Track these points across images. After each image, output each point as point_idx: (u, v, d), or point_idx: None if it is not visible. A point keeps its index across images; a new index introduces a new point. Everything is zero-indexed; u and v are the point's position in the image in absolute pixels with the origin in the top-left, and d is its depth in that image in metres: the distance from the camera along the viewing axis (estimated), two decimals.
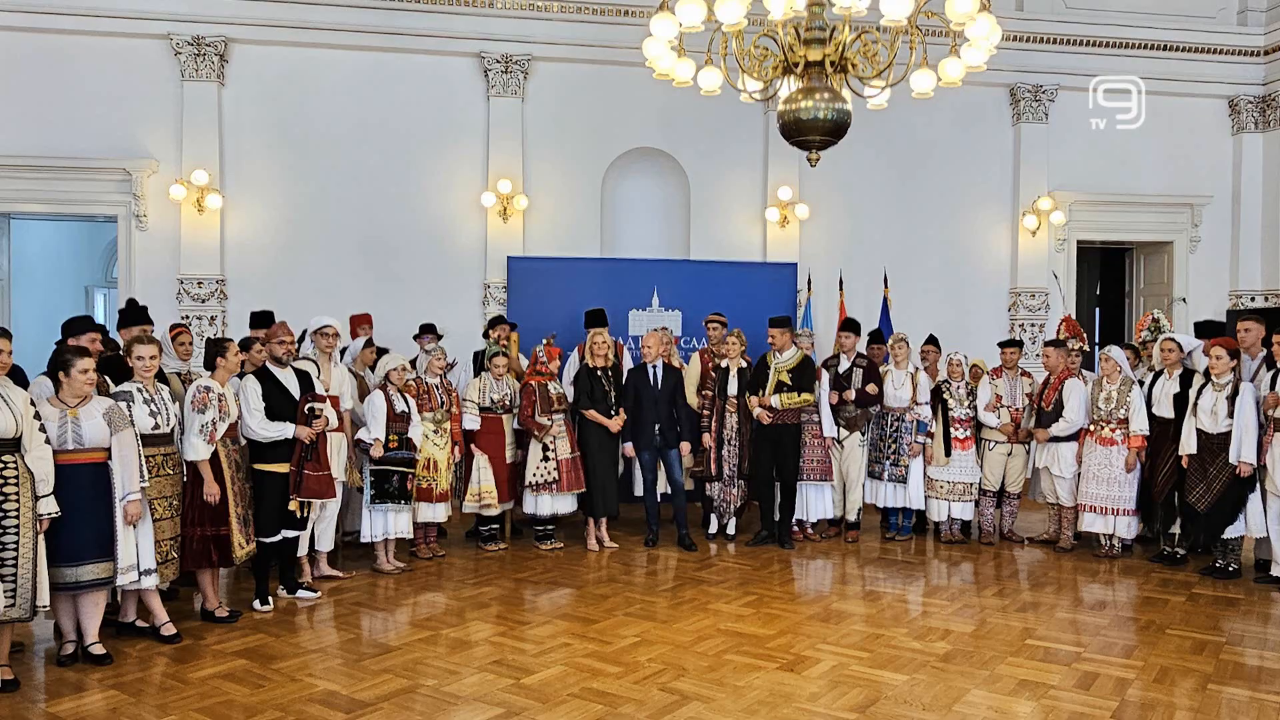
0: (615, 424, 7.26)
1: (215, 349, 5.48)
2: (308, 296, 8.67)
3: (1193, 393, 6.52)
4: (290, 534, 5.78)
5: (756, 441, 7.36)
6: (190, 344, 6.70)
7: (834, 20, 5.00)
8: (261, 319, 6.61)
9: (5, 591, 4.05)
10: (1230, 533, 6.43)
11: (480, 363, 7.62)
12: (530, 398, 7.08)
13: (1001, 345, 7.89)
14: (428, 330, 7.72)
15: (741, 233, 10.12)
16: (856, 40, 5.07)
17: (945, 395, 7.51)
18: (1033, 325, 10.44)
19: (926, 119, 9.82)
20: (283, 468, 5.67)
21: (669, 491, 7.57)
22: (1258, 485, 6.30)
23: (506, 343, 7.60)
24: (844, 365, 7.55)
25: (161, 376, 5.25)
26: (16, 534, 4.16)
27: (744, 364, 7.52)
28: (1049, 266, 10.50)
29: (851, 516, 7.69)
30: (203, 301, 9.08)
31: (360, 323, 7.76)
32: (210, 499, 5.18)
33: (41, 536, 4.27)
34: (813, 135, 5.13)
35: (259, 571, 5.69)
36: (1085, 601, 5.93)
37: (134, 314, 6.10)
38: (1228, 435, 6.25)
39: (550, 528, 7.31)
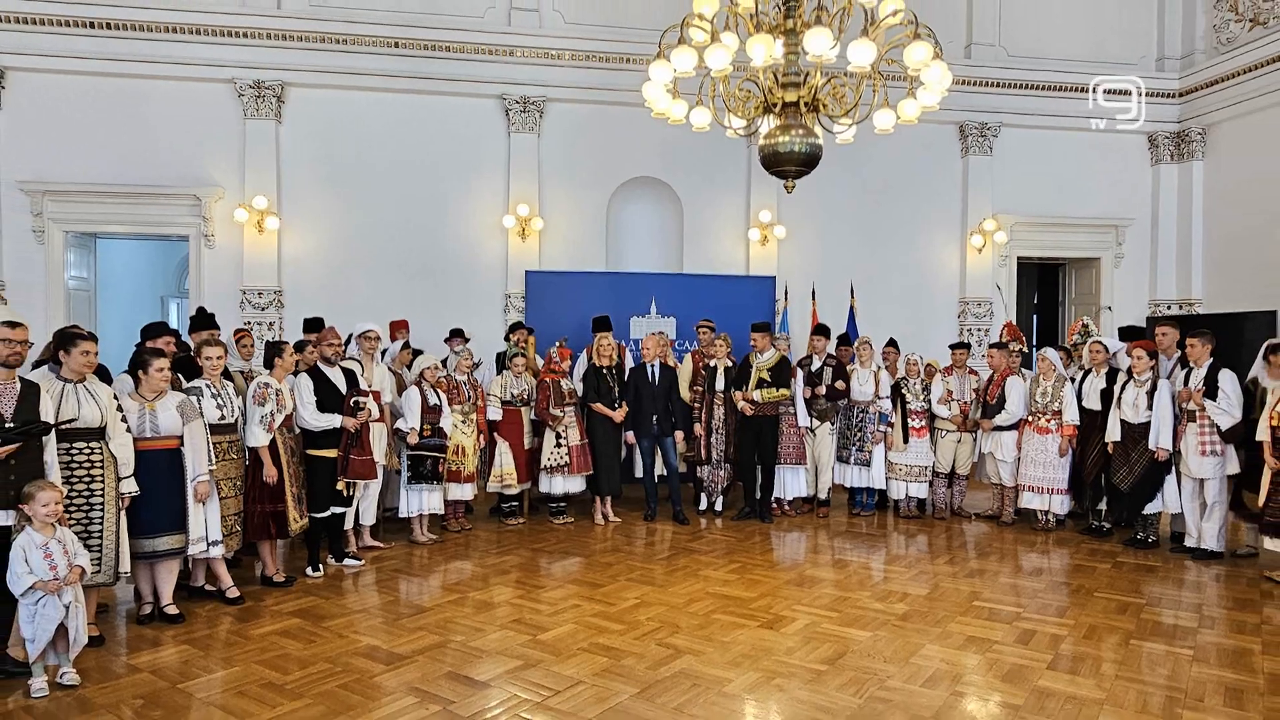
0: (618, 415, 7.26)
1: (273, 350, 5.48)
2: (353, 305, 8.66)
3: (1117, 388, 6.53)
4: (338, 510, 5.79)
5: (740, 430, 7.36)
6: (251, 346, 6.71)
7: (807, 67, 5.01)
8: (313, 325, 6.60)
9: (92, 560, 4.05)
10: (1149, 509, 6.44)
11: (502, 362, 7.62)
12: (545, 392, 7.08)
13: (952, 347, 7.90)
14: (457, 334, 7.73)
15: (727, 250, 10.11)
16: (827, 84, 5.08)
17: (903, 390, 7.51)
18: (979, 330, 10.43)
19: (887, 152, 9.80)
20: (332, 453, 5.68)
21: (665, 473, 7.57)
22: (1173, 468, 6.30)
23: (524, 345, 7.60)
24: (816, 364, 7.56)
25: (227, 374, 5.26)
26: (102, 510, 4.17)
27: (730, 363, 7.52)
28: (993, 279, 10.50)
29: (822, 495, 7.69)
30: (262, 310, 9.08)
31: (398, 328, 7.77)
32: (269, 480, 5.19)
33: (123, 512, 4.28)
34: (789, 166, 5.14)
35: (311, 542, 5.69)
36: (1024, 569, 5.93)
37: (203, 320, 6.09)
38: (1147, 425, 6.27)
39: (563, 504, 7.32)
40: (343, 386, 5.76)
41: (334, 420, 5.63)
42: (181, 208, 8.97)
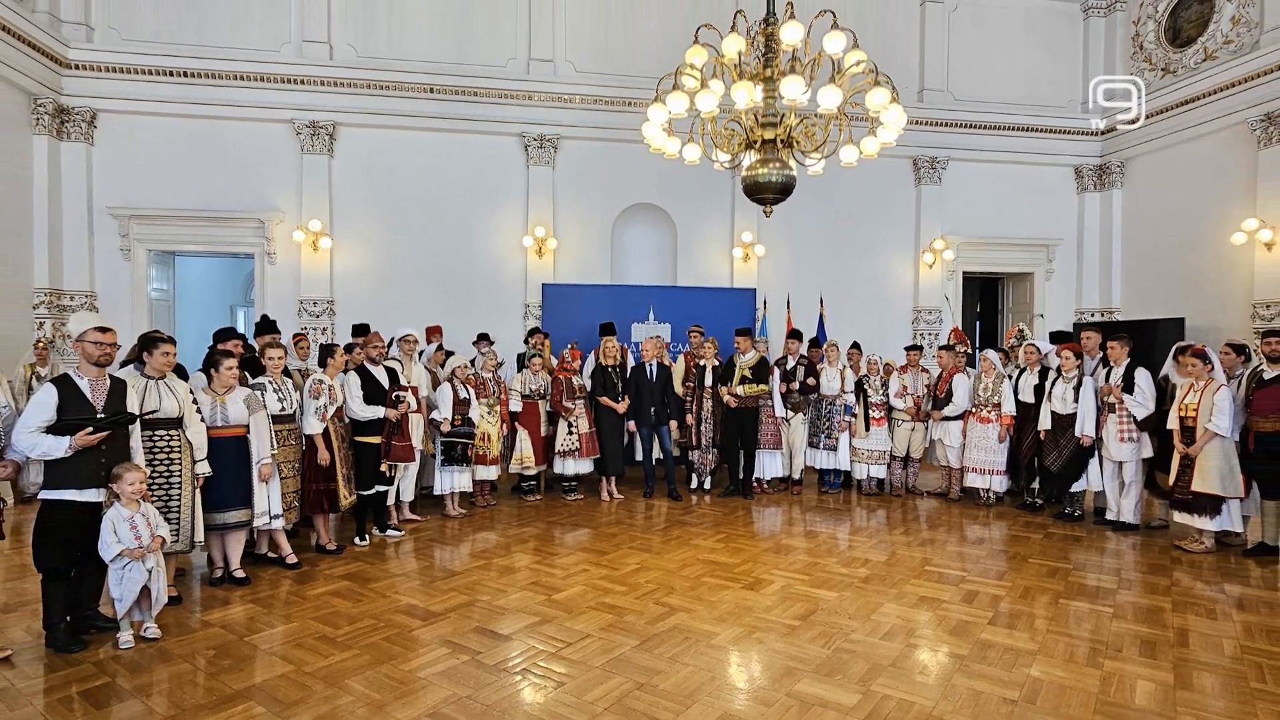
0: (621, 407, 7.25)
1: (326, 351, 5.48)
2: (394, 313, 8.67)
3: (1048, 384, 6.53)
4: (381, 488, 5.79)
5: (726, 420, 7.35)
6: (308, 348, 6.72)
7: (783, 109, 5.01)
8: (360, 330, 6.61)
9: (171, 531, 4.05)
10: (1076, 487, 6.43)
11: (522, 362, 7.62)
12: (559, 388, 7.08)
13: (907, 349, 7.88)
14: (483, 338, 7.71)
15: (715, 266, 10.11)
16: (800, 124, 5.08)
17: (865, 386, 7.51)
18: (929, 334, 10.44)
19: (851, 182, 9.82)
20: (376, 439, 5.67)
21: (661, 457, 7.57)
22: (1096, 452, 6.30)
23: (541, 347, 7.60)
24: (791, 364, 7.56)
25: (286, 372, 5.25)
26: (180, 488, 4.17)
27: (717, 363, 7.51)
28: (941, 291, 10.51)
29: (796, 475, 7.68)
30: (317, 317, 9.08)
31: (433, 332, 7.78)
32: (322, 463, 5.18)
33: (198, 490, 4.27)
34: (768, 194, 5.14)
35: (358, 516, 5.69)
36: (968, 538, 5.92)
37: (266, 326, 6.09)
38: (1074, 415, 6.26)
39: (574, 484, 7.31)
40: (386, 383, 5.76)
41: (378, 411, 5.63)
42: (248, 230, 8.99)
